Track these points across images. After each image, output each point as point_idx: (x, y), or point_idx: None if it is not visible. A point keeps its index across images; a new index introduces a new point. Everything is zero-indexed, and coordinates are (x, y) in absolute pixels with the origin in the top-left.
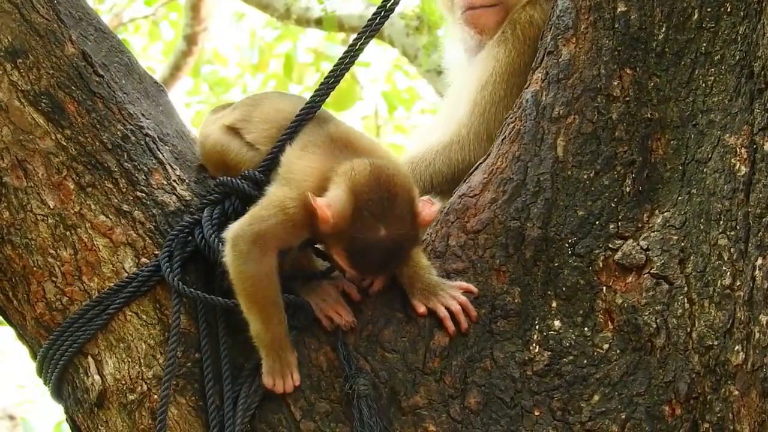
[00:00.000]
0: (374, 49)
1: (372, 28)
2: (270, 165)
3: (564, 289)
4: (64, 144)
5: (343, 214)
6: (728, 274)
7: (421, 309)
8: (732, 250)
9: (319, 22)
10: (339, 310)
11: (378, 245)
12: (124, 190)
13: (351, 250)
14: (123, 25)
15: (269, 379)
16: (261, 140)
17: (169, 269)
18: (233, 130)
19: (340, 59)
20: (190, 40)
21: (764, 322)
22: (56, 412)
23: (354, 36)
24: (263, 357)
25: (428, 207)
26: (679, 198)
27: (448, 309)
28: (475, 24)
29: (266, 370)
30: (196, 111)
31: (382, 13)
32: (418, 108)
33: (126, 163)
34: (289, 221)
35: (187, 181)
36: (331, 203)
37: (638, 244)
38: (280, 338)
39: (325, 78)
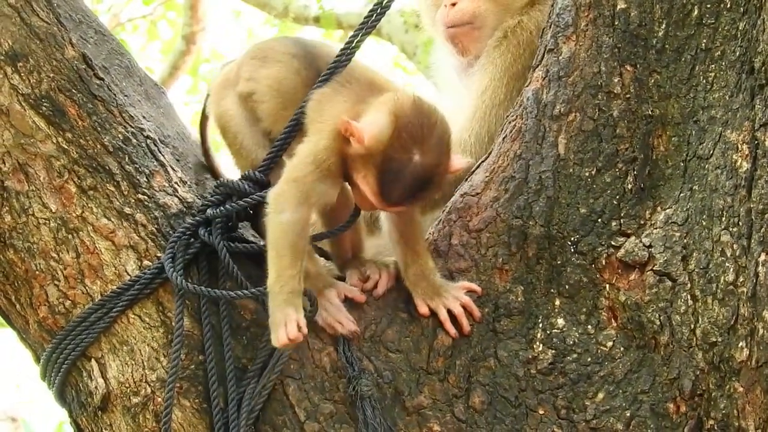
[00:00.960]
0: (372, 45)
1: (368, 26)
2: (270, 165)
3: (567, 287)
4: (66, 147)
5: (381, 135)
6: (731, 270)
7: (424, 309)
8: (735, 246)
9: (317, 20)
10: (341, 320)
11: (410, 169)
12: (126, 192)
13: (382, 173)
14: (121, 24)
15: (273, 333)
16: (270, 119)
17: (173, 269)
18: (246, 101)
19: (337, 56)
20: (189, 39)
21: None
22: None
23: (349, 35)
24: (270, 312)
25: (459, 158)
26: (681, 194)
27: (450, 311)
28: (455, 41)
29: (271, 325)
30: (195, 110)
31: (378, 10)
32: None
33: (127, 166)
34: (323, 162)
35: (188, 182)
36: (367, 125)
37: (641, 241)
38: (289, 292)
39: (322, 75)
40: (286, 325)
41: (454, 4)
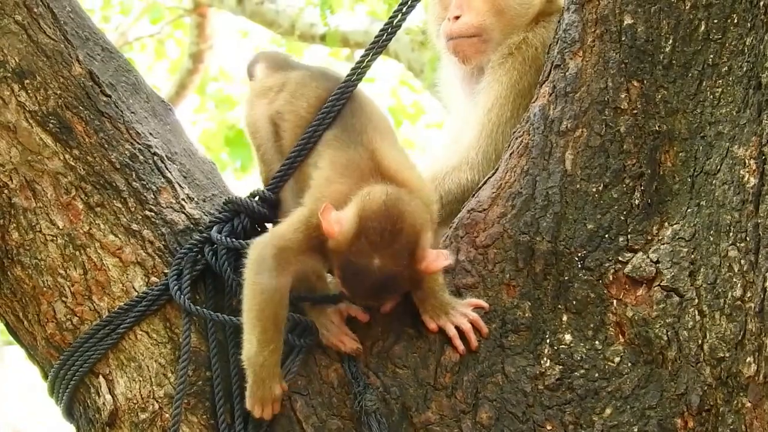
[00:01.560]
0: (379, 64)
1: (379, 45)
2: (279, 183)
3: (574, 302)
4: (73, 164)
5: (346, 235)
6: (739, 285)
7: (432, 326)
8: (742, 261)
9: (323, 38)
10: (342, 339)
11: (368, 273)
12: (133, 209)
13: (345, 272)
14: (128, 43)
15: (251, 401)
16: (289, 140)
17: (177, 289)
18: (272, 117)
19: (347, 77)
20: (196, 57)
21: None
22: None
23: (358, 51)
24: (249, 381)
25: (436, 257)
26: (689, 210)
27: (458, 328)
28: (457, 52)
29: (249, 393)
30: (203, 128)
31: (389, 30)
32: (423, 122)
33: (134, 183)
34: (312, 237)
35: (195, 199)
36: (340, 221)
37: (648, 257)
38: (272, 366)
39: (332, 96)
40: (264, 404)
41: (457, 18)
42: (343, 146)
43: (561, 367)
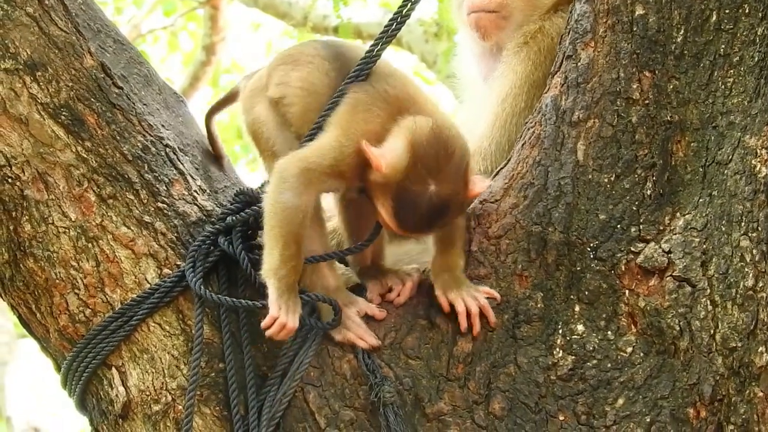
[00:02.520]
0: (391, 55)
1: (389, 34)
2: None
3: (587, 293)
4: (85, 156)
5: (398, 165)
6: (750, 275)
7: (443, 300)
8: (754, 251)
9: (336, 30)
10: (363, 336)
11: (425, 200)
12: (145, 201)
13: (398, 202)
14: (142, 36)
15: (276, 307)
16: (299, 122)
17: (194, 278)
18: (277, 105)
19: (357, 66)
20: (209, 50)
21: None
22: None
23: (370, 43)
24: (271, 292)
25: (479, 180)
26: (700, 200)
27: (467, 308)
28: (478, 26)
29: (273, 300)
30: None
31: (399, 19)
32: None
33: (147, 174)
34: (339, 165)
35: (207, 191)
36: (386, 153)
37: (660, 247)
38: (293, 282)
39: (342, 84)
40: (288, 311)
41: None
42: (366, 89)
43: (573, 357)
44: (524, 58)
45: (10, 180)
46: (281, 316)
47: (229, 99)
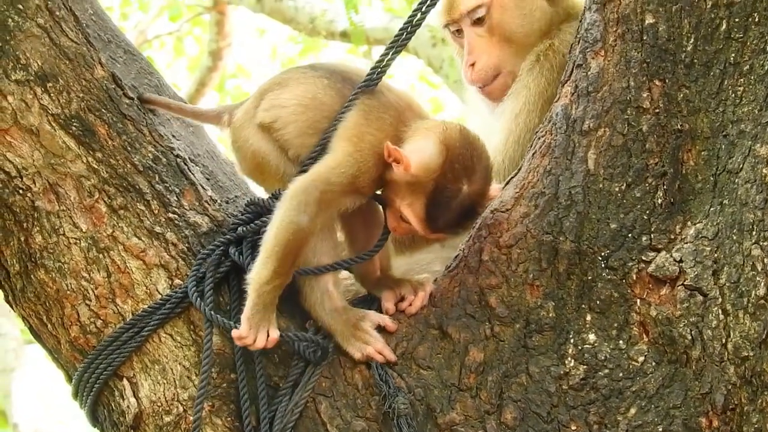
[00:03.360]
0: (398, 60)
1: (399, 44)
2: None
3: (598, 302)
4: (96, 167)
5: (431, 165)
6: (762, 284)
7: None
8: (765, 260)
9: (344, 35)
10: (381, 350)
11: (460, 198)
12: (156, 211)
13: (432, 200)
14: (148, 41)
15: (247, 324)
16: (297, 140)
17: (196, 294)
18: (270, 131)
19: (368, 75)
20: (215, 55)
21: None
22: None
23: (376, 48)
24: (248, 305)
25: (494, 184)
26: (711, 209)
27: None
28: (490, 97)
29: (246, 316)
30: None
31: (409, 29)
32: (441, 118)
33: (157, 185)
34: (358, 180)
35: (218, 201)
36: (414, 152)
37: (671, 256)
38: (274, 297)
39: (353, 93)
40: (258, 330)
41: (473, 65)
42: (376, 96)
43: (585, 366)
44: (537, 75)
45: (21, 191)
46: (248, 334)
47: (194, 115)
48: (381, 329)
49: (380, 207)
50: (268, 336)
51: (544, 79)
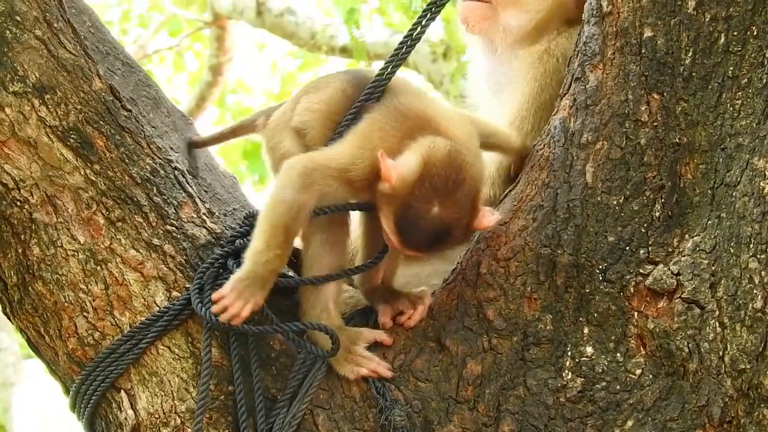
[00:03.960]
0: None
1: (399, 57)
2: None
3: (596, 315)
4: (93, 179)
5: (407, 179)
6: (759, 297)
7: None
8: (763, 273)
9: (344, 51)
10: (375, 369)
11: (427, 220)
12: (154, 224)
13: (402, 217)
14: (148, 56)
15: (235, 291)
16: (320, 145)
17: (199, 302)
18: (300, 134)
19: (367, 89)
20: (215, 70)
21: None
22: None
23: (376, 62)
24: (241, 272)
25: (488, 214)
26: (709, 222)
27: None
28: (463, 17)
29: (236, 281)
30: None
31: (409, 43)
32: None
33: (155, 197)
34: (348, 173)
35: (216, 213)
36: (398, 166)
37: (669, 269)
38: (271, 270)
39: (352, 107)
40: (246, 301)
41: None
42: (380, 109)
43: (582, 379)
44: (531, 80)
45: (18, 203)
46: (228, 297)
47: (237, 132)
48: (377, 344)
49: None
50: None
51: (537, 84)
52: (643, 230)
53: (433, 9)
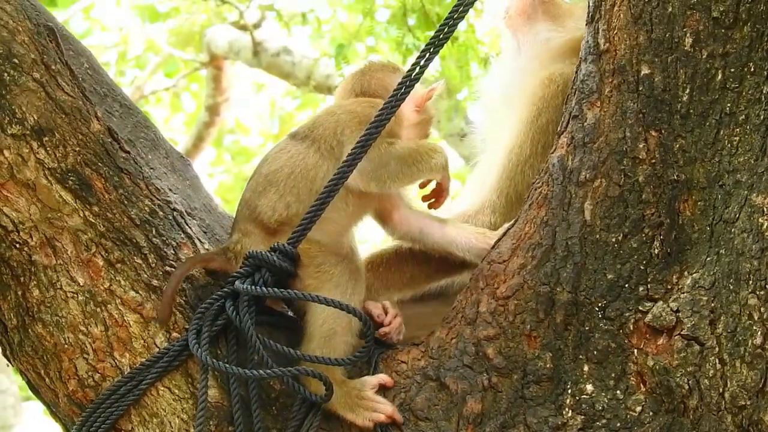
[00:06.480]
0: None
1: (398, 98)
2: (299, 237)
3: (595, 352)
4: (92, 221)
5: None
6: (759, 333)
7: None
8: (762, 309)
9: None
10: (392, 414)
11: None
12: (153, 265)
13: None
14: (144, 97)
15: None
16: None
17: (196, 343)
18: None
19: (367, 130)
20: (212, 110)
21: None
22: None
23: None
24: None
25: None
26: (708, 259)
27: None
28: (507, 4)
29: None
30: (219, 181)
31: (408, 83)
32: None
33: (154, 238)
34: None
35: None
36: None
37: (668, 306)
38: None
39: (353, 149)
40: None
41: None
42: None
43: (583, 417)
44: (529, 104)
45: (18, 245)
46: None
47: (207, 261)
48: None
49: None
50: None
51: (535, 108)
52: (642, 267)
53: (432, 49)
